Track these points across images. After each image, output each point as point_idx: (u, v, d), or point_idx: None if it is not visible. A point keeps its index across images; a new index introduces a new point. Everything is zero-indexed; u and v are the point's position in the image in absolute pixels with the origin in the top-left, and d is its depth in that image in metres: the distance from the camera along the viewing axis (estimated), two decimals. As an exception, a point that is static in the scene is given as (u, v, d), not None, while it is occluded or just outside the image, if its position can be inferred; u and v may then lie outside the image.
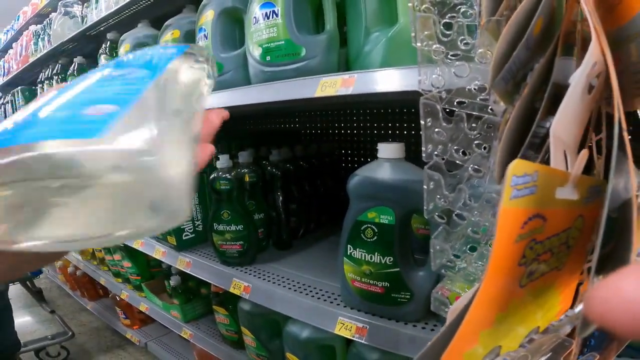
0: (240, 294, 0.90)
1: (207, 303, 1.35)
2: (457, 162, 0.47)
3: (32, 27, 2.39)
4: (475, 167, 0.43)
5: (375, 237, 0.65)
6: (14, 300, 2.08)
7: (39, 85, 2.18)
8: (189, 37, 1.02)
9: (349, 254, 0.69)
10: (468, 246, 0.47)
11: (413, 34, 0.42)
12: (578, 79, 0.24)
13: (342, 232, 0.69)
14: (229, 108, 0.86)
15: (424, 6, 0.37)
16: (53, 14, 1.97)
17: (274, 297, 0.84)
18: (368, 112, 1.32)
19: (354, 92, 0.65)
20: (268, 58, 0.78)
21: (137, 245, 1.28)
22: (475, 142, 0.43)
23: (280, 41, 0.75)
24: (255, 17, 0.78)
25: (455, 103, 0.46)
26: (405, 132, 1.23)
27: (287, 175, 1.03)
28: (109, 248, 1.65)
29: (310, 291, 0.83)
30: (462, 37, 0.43)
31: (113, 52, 1.43)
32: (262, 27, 0.77)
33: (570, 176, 0.25)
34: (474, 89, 0.43)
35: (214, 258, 1.02)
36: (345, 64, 0.77)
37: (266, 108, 1.10)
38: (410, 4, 0.38)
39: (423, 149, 0.46)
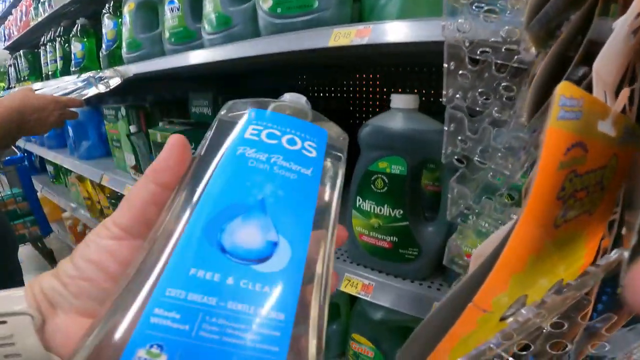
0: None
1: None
2: (478, 109, 0.45)
3: None
4: (499, 111, 0.42)
5: (386, 188, 0.64)
6: (25, 263, 2.10)
7: (42, 48, 2.13)
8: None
9: (357, 205, 0.68)
10: (483, 197, 0.46)
11: None
12: (622, 24, 0.24)
13: (352, 184, 0.68)
14: (236, 60, 0.84)
15: None
16: None
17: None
18: (378, 69, 1.29)
19: (369, 42, 0.63)
20: (279, 10, 0.75)
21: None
22: (503, 84, 0.41)
23: (293, -9, 0.72)
24: (265, -34, 0.74)
25: (479, 52, 0.44)
26: (416, 90, 1.21)
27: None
28: (114, 202, 1.66)
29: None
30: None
31: (117, 11, 1.39)
32: (273, -23, 0.73)
33: (611, 110, 0.24)
34: (500, 38, 0.41)
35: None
36: (359, 19, 0.74)
37: (274, 63, 1.07)
38: None
39: (444, 92, 0.45)
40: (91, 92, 1.06)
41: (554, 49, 0.30)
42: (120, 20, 1.34)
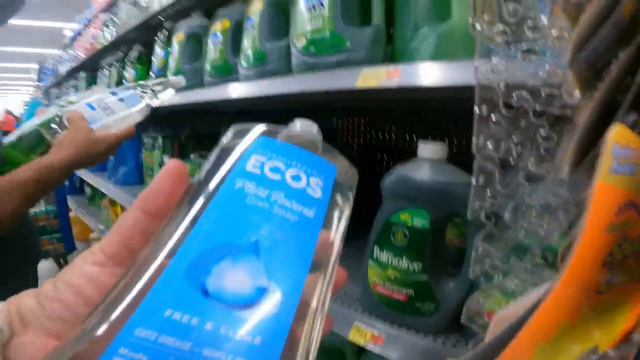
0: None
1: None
2: (512, 160, 0.40)
3: (102, 15, 2.44)
4: (536, 163, 0.37)
5: (406, 241, 0.61)
6: (44, 278, 2.15)
7: (99, 71, 2.26)
8: (238, 26, 1.02)
9: (375, 256, 0.65)
10: (512, 257, 0.40)
11: (471, 17, 0.38)
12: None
13: (371, 233, 0.66)
14: (267, 97, 0.84)
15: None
16: (121, 2, 2.05)
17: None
18: (411, 113, 1.27)
19: (399, 85, 0.60)
20: (311, 49, 0.75)
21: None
22: (541, 133, 0.37)
23: (325, 32, 0.72)
24: (301, 8, 0.76)
25: (515, 96, 0.40)
26: (446, 138, 1.16)
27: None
28: None
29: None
30: (529, 19, 0.37)
31: (168, 41, 1.45)
32: (307, 18, 0.75)
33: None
34: (540, 81, 0.37)
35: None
36: (391, 61, 0.73)
37: (306, 102, 1.07)
38: None
39: (474, 140, 0.41)
40: (140, 111, 0.93)
41: (601, 91, 0.25)
42: (169, 49, 1.40)
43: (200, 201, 0.19)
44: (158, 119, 1.17)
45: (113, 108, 0.78)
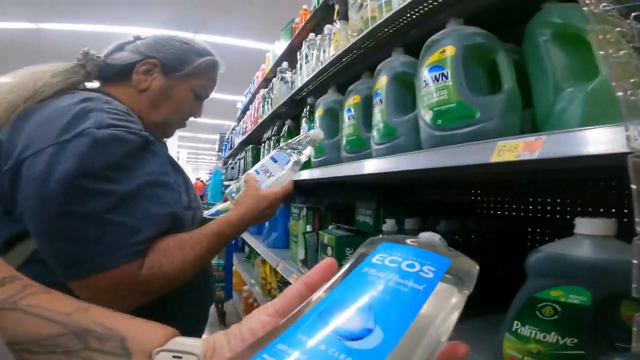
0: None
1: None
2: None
3: (262, 91, 2.78)
4: None
5: (557, 316, 0.56)
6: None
7: (262, 145, 2.54)
8: (368, 101, 1.06)
9: (514, 329, 0.60)
10: None
11: (613, 84, 0.32)
12: None
13: (511, 308, 0.62)
14: (396, 173, 0.84)
15: (621, 52, 0.27)
16: (274, 79, 2.30)
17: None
18: (561, 184, 1.08)
19: (541, 157, 0.53)
20: (439, 122, 0.73)
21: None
22: None
23: (452, 104, 0.69)
24: (425, 81, 0.75)
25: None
26: (606, 208, 0.95)
27: (454, 246, 0.92)
28: (281, 287, 1.81)
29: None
30: None
31: (311, 116, 1.58)
32: (432, 90, 0.73)
33: None
34: None
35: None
36: (532, 127, 0.65)
37: (437, 176, 1.03)
38: (601, 52, 0.28)
39: (636, 219, 0.37)
40: (291, 168, 0.97)
41: None
42: (313, 124, 1.51)
43: (337, 279, 0.27)
44: (303, 191, 1.28)
45: (270, 169, 0.90)
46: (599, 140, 0.47)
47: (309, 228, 1.29)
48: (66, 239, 0.59)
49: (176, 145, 11.97)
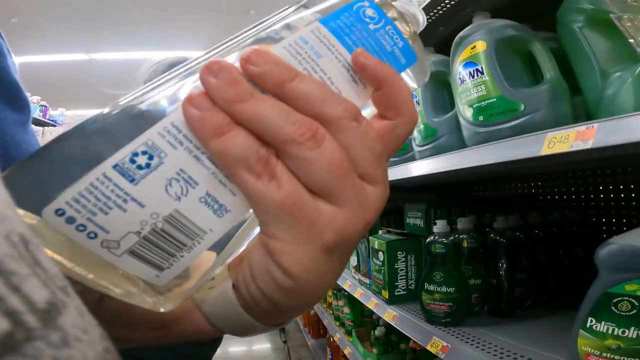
0: (437, 353, 0.84)
1: (402, 358, 1.40)
2: None
3: None
4: None
5: (635, 311, 0.53)
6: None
7: None
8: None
9: (588, 326, 0.58)
10: None
11: None
12: None
13: (583, 304, 0.59)
14: (445, 173, 0.84)
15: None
16: None
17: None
18: (629, 171, 1.03)
19: (596, 146, 0.52)
20: (480, 118, 0.72)
21: (357, 294, 1.37)
22: None
23: (492, 98, 0.69)
24: (460, 78, 0.75)
25: None
26: None
27: (514, 243, 0.90)
28: (337, 294, 1.82)
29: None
30: None
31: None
32: (469, 87, 0.73)
33: None
34: None
35: (420, 316, 1.00)
36: (585, 115, 0.63)
37: (489, 171, 1.01)
38: (631, 40, 0.28)
39: None
40: None
41: None
42: None
43: None
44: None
45: None
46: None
47: (360, 231, 1.30)
48: None
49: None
